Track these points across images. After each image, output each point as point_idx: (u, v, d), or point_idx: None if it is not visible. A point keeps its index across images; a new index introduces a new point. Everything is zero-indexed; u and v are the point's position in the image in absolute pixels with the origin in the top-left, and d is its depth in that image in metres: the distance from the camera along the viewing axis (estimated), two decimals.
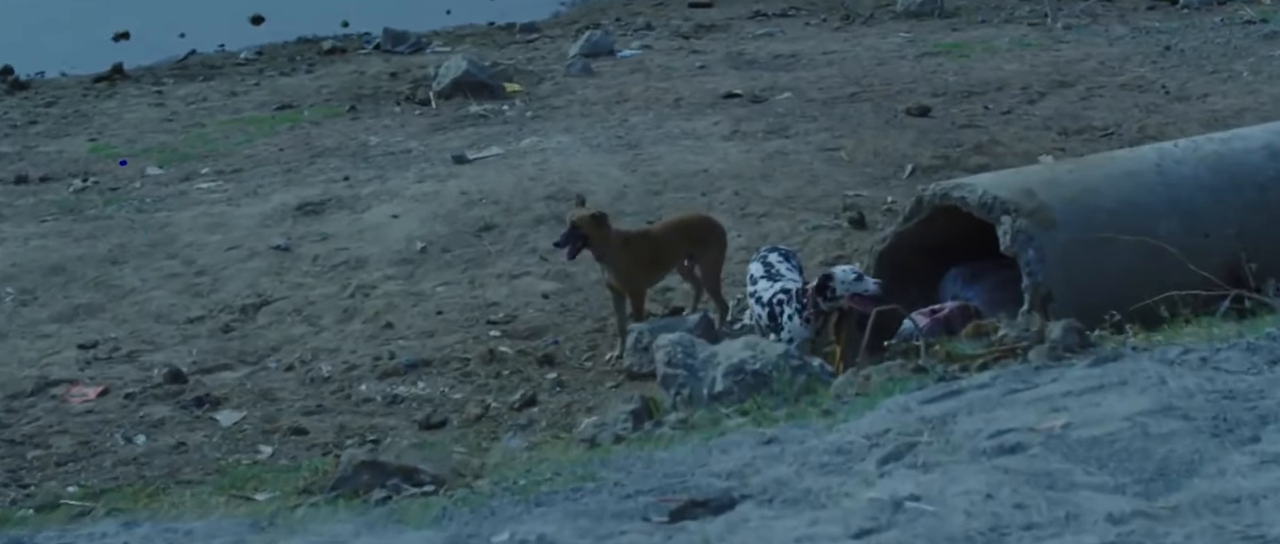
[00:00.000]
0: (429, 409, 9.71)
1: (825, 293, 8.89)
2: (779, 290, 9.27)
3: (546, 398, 9.82)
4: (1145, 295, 7.97)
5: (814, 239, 12.37)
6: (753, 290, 9.51)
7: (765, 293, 9.38)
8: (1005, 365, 5.76)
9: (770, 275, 9.50)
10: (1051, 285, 8.23)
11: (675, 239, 10.61)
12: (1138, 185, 8.81)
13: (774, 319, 9.24)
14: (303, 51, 23.58)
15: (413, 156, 15.78)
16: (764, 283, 9.47)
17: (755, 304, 9.47)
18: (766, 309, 9.31)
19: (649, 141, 15.54)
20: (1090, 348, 5.83)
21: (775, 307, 9.26)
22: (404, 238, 12.92)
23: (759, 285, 9.50)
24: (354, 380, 10.28)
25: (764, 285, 9.41)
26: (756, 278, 9.58)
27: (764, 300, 9.34)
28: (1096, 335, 6.22)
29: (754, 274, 9.63)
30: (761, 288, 9.40)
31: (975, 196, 8.54)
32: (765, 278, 9.50)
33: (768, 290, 9.37)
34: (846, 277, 8.88)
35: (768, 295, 9.34)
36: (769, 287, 9.39)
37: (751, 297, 9.57)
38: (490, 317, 11.22)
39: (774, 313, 9.25)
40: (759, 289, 9.47)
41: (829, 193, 13.46)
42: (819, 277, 9.06)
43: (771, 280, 9.44)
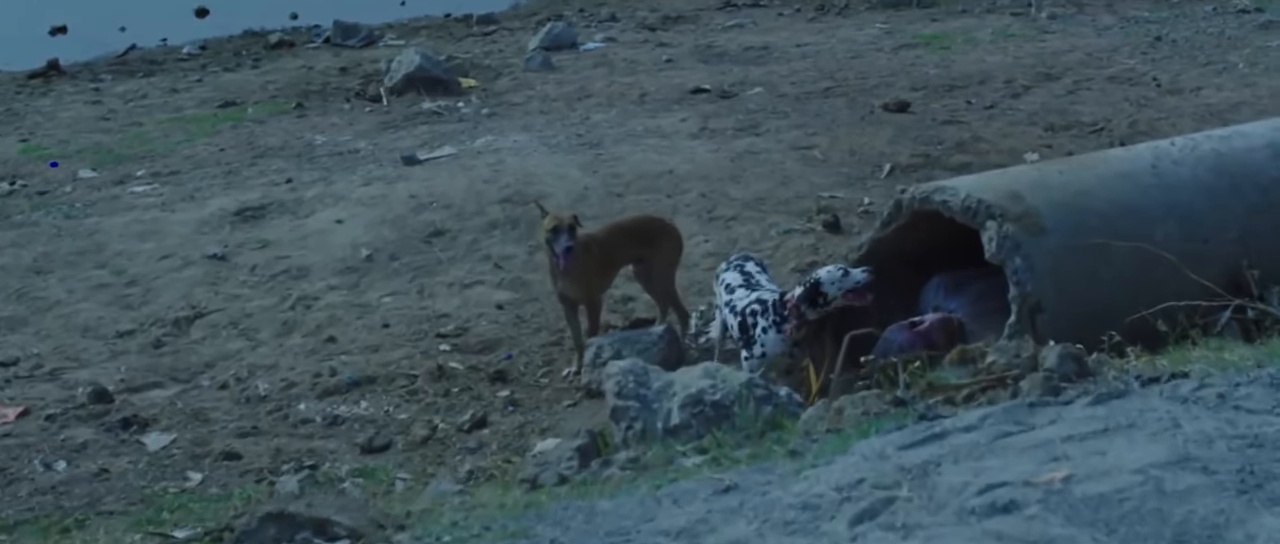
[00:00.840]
0: (372, 431, 9.42)
1: (816, 301, 8.52)
2: (754, 301, 8.89)
3: (498, 418, 9.53)
4: (1141, 305, 7.76)
5: (786, 244, 12.12)
6: (728, 300, 9.11)
7: (740, 302, 9.00)
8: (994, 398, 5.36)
9: (749, 285, 9.16)
10: (1040, 295, 7.93)
11: (621, 242, 10.36)
12: (1132, 187, 8.54)
13: (746, 332, 8.86)
14: (249, 46, 23.39)
15: (360, 157, 15.59)
16: (743, 293, 9.07)
17: (729, 314, 9.09)
18: (739, 320, 8.95)
19: (611, 140, 15.41)
20: (1089, 376, 5.45)
21: (748, 317, 8.92)
22: (349, 245, 12.70)
23: (737, 295, 9.09)
24: (292, 399, 9.99)
25: (742, 295, 9.04)
26: (734, 287, 9.16)
27: (738, 310, 8.94)
28: (1094, 360, 5.84)
29: (731, 283, 9.26)
30: (738, 298, 9.03)
31: (958, 200, 8.27)
32: (744, 287, 9.13)
33: (743, 300, 9.07)
34: (833, 277, 8.56)
35: (742, 305, 8.94)
36: (746, 296, 9.01)
37: (726, 307, 9.17)
38: (440, 329, 10.94)
39: (746, 325, 8.87)
40: (736, 299, 9.07)
41: (802, 194, 13.27)
42: (805, 286, 8.64)
43: (750, 290, 9.08)
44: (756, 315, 8.82)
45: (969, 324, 8.60)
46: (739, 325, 8.92)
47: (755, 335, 8.77)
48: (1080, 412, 4.83)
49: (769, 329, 8.74)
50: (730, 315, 9.08)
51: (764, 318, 8.79)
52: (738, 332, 8.95)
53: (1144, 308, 7.67)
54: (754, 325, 8.81)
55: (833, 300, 8.57)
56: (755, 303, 8.90)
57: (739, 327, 8.93)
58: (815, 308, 8.61)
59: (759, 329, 8.76)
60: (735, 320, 8.98)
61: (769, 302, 8.83)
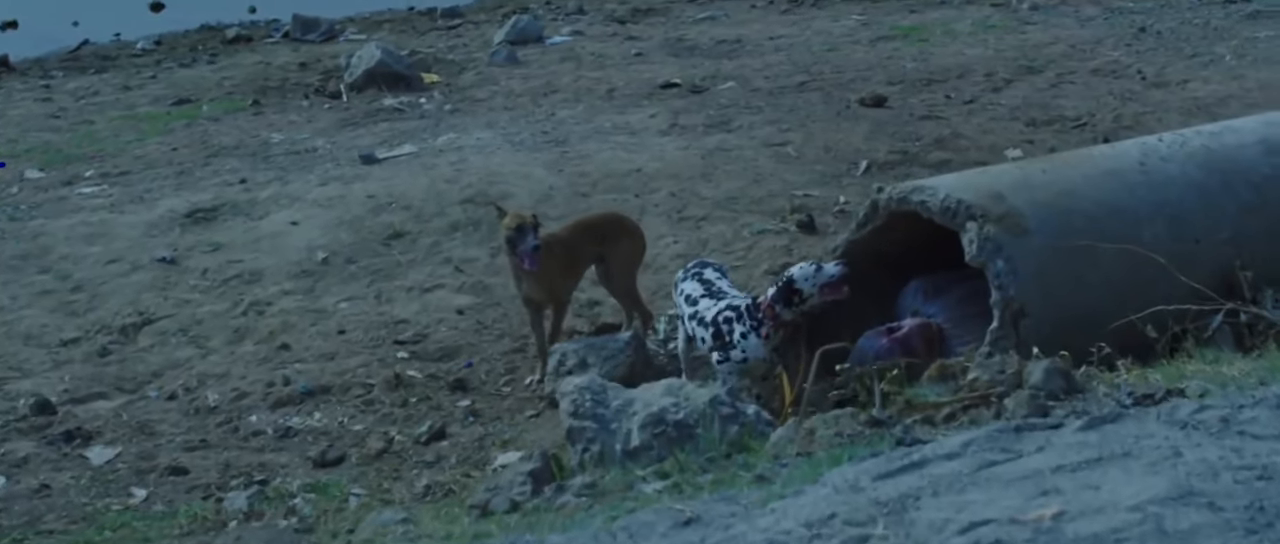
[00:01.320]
0: (325, 444, 9.21)
1: (791, 300, 8.31)
2: (725, 307, 8.65)
3: (457, 430, 9.30)
4: (1129, 310, 7.70)
5: (758, 245, 11.92)
6: (692, 312, 8.86)
7: (708, 312, 8.76)
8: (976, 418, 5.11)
9: (712, 293, 8.87)
10: (1024, 300, 7.84)
11: (582, 240, 10.16)
12: (1119, 186, 8.45)
13: (722, 339, 8.61)
14: (205, 40, 23.15)
15: (318, 156, 15.36)
16: (707, 302, 8.81)
17: (697, 326, 8.84)
18: (711, 329, 8.68)
19: (578, 137, 15.20)
20: (1077, 393, 5.21)
21: (722, 325, 8.62)
22: (304, 247, 12.50)
23: (701, 305, 8.83)
24: (243, 410, 9.79)
25: (707, 304, 8.78)
26: (696, 297, 8.89)
27: (708, 320, 8.70)
28: (1083, 374, 5.61)
29: (691, 293, 8.95)
30: (703, 308, 8.78)
31: (937, 201, 8.15)
32: (707, 297, 8.88)
33: (711, 309, 8.74)
34: (806, 273, 8.36)
35: (711, 314, 8.70)
36: (713, 304, 8.76)
37: (691, 319, 8.89)
38: (398, 336, 10.75)
39: (721, 332, 8.67)
40: (701, 309, 8.81)
41: (775, 193, 13.09)
42: (778, 285, 8.42)
43: (714, 298, 8.85)
44: (732, 322, 8.60)
45: (949, 330, 8.51)
46: (713, 334, 8.68)
47: (734, 340, 8.56)
48: (1071, 437, 4.55)
49: (748, 333, 8.52)
50: (698, 327, 8.83)
51: (741, 323, 8.57)
52: (711, 340, 8.71)
53: (1132, 312, 7.64)
54: (731, 332, 8.58)
55: (809, 298, 8.37)
56: (728, 309, 8.66)
57: (713, 335, 8.69)
58: (791, 307, 8.40)
59: (737, 334, 8.55)
60: (707, 331, 8.72)
61: (742, 306, 8.60)
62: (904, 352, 8.21)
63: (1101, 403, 5.04)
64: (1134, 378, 5.54)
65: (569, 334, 10.29)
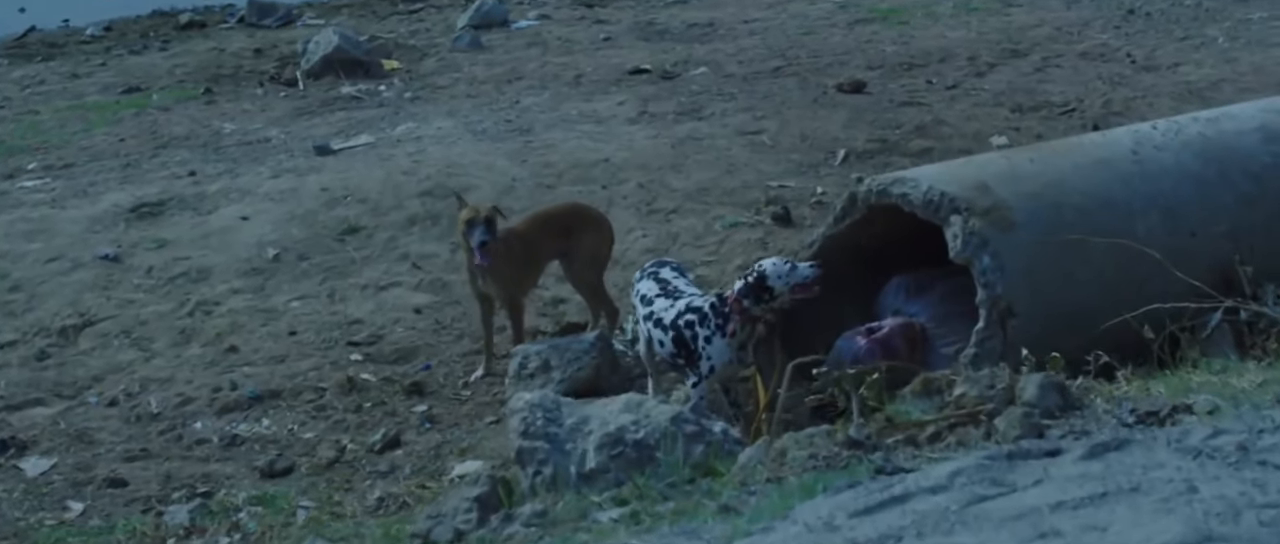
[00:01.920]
0: (273, 453, 8.99)
1: (760, 296, 8.04)
2: (685, 309, 8.35)
3: (413, 437, 9.09)
4: (1123, 308, 7.55)
5: (731, 239, 11.71)
6: (648, 312, 8.57)
7: (666, 314, 8.44)
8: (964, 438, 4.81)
9: (669, 292, 8.58)
10: (1011, 298, 7.68)
11: (543, 234, 9.98)
12: (1111, 176, 8.28)
13: (686, 346, 8.32)
14: (157, 26, 22.91)
15: (271, 147, 15.14)
16: (663, 302, 8.51)
17: (655, 330, 8.50)
18: (670, 333, 8.37)
19: (543, 126, 15.02)
20: (1075, 410, 4.93)
21: (683, 330, 8.31)
22: (254, 244, 12.29)
23: (656, 305, 8.52)
24: (187, 417, 9.56)
25: (663, 304, 8.48)
26: (651, 297, 8.59)
27: (666, 323, 8.42)
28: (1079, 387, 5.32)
29: (646, 293, 8.67)
30: (660, 308, 8.48)
31: (919, 193, 7.98)
32: (663, 297, 8.56)
33: (669, 311, 8.43)
34: (779, 270, 8.05)
35: (670, 317, 8.42)
36: (669, 305, 8.46)
37: (646, 321, 8.60)
38: (352, 337, 10.56)
39: (683, 338, 8.31)
40: (657, 310, 8.50)
41: (749, 184, 12.93)
42: (746, 279, 8.14)
43: (671, 298, 8.52)
44: (694, 326, 8.29)
45: (932, 330, 8.37)
46: (674, 340, 8.39)
47: (698, 349, 8.25)
48: (1072, 467, 4.21)
49: (712, 336, 8.21)
50: (656, 329, 8.54)
51: (704, 326, 8.26)
52: (672, 348, 8.42)
53: (1126, 310, 7.51)
54: (694, 338, 8.28)
55: (779, 296, 8.10)
56: (687, 312, 8.34)
57: (674, 341, 8.39)
58: (759, 303, 8.13)
59: (701, 340, 8.25)
60: (667, 336, 8.44)
61: (703, 308, 8.30)
62: (884, 353, 8.04)
63: (1101, 421, 4.73)
64: (1135, 391, 5.24)
65: (532, 334, 10.08)
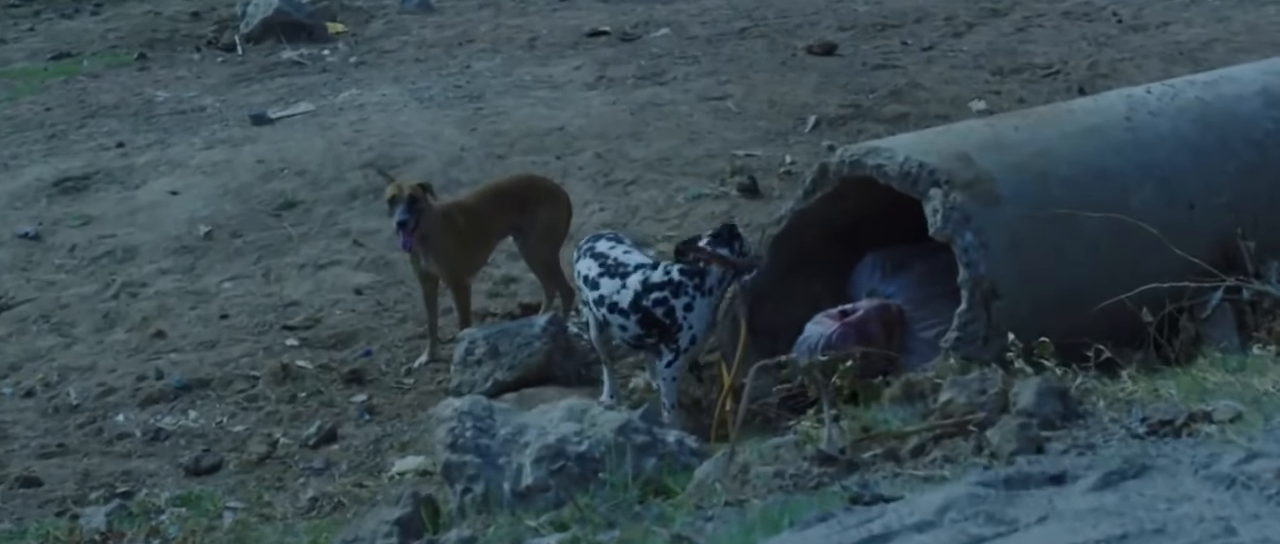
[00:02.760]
0: (200, 448, 8.77)
1: (732, 242, 8.04)
2: (649, 285, 8.07)
3: (351, 430, 8.87)
4: (1116, 287, 7.32)
5: (695, 211, 11.52)
6: (595, 296, 8.30)
7: (623, 297, 8.14)
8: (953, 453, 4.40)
9: (611, 268, 8.30)
10: (996, 277, 7.43)
11: (494, 208, 9.76)
12: (1103, 145, 8.07)
13: (657, 324, 8.06)
14: None
15: (205, 116, 14.94)
16: (610, 283, 8.23)
17: (612, 316, 8.23)
18: (636, 316, 8.09)
19: (495, 92, 14.82)
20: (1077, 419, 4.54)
21: (654, 309, 8.04)
22: (184, 220, 12.13)
23: (604, 287, 8.25)
24: (109, 409, 9.35)
25: (612, 286, 8.21)
26: (594, 278, 8.32)
27: (626, 307, 8.12)
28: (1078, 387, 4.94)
29: (588, 275, 8.39)
30: (609, 290, 8.22)
31: (896, 164, 7.72)
32: (608, 275, 8.28)
33: (623, 292, 8.15)
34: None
35: (629, 299, 8.11)
36: (619, 287, 8.19)
37: (597, 306, 8.32)
38: (287, 320, 10.40)
39: (653, 317, 8.05)
40: (607, 293, 8.23)
41: (713, 153, 12.77)
42: (717, 230, 8.12)
43: (617, 276, 8.23)
44: (667, 301, 8.02)
45: (911, 312, 8.17)
46: (640, 323, 8.10)
47: (679, 321, 8.02)
48: (1082, 499, 3.70)
49: (693, 302, 8.00)
50: (615, 316, 8.24)
51: (681, 295, 8.02)
52: (638, 329, 8.14)
53: (1120, 290, 7.31)
54: (670, 312, 8.02)
55: (748, 251, 8.14)
56: (653, 289, 8.05)
57: (641, 324, 8.10)
58: (733, 251, 8.06)
59: (680, 311, 8.02)
60: (629, 319, 8.14)
61: (673, 277, 8.04)
62: (859, 338, 7.82)
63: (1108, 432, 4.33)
64: (1143, 392, 4.86)
65: (481, 317, 9.91)
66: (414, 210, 9.14)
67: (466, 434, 4.89)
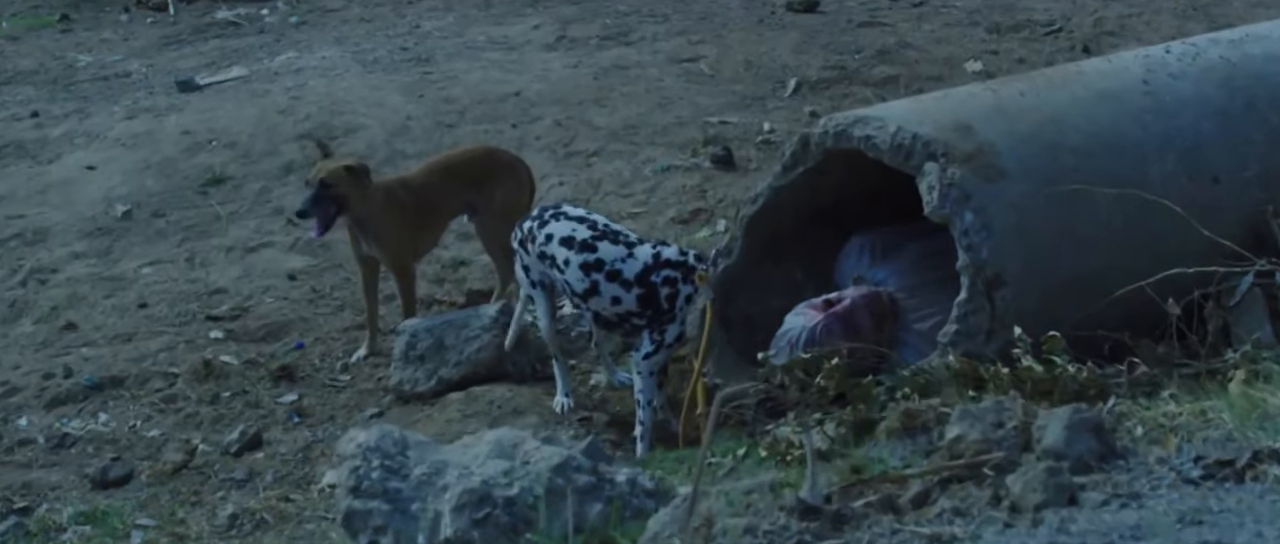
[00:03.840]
0: (110, 456, 8.50)
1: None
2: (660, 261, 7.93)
3: (279, 435, 8.62)
4: (1135, 271, 6.95)
5: (664, 185, 11.40)
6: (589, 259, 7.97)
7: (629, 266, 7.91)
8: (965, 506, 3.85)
9: (613, 236, 8.05)
10: (1001, 262, 7.05)
11: (445, 185, 9.54)
12: (1119, 112, 7.71)
13: (655, 305, 7.90)
14: None
15: (130, 83, 14.93)
16: (615, 249, 7.98)
17: (609, 284, 7.95)
18: (640, 292, 7.89)
19: (445, 55, 14.78)
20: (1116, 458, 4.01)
21: (661, 287, 7.87)
22: (101, 198, 11.97)
23: (604, 251, 7.97)
24: (10, 411, 9.09)
25: (615, 251, 7.97)
26: (590, 240, 8.01)
27: (632, 277, 7.90)
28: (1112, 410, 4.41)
29: (571, 236, 8.06)
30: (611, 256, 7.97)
31: (886, 136, 7.35)
32: (610, 240, 8.02)
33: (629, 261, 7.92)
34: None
35: (637, 270, 7.90)
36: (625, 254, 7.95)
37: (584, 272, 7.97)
38: (212, 310, 10.20)
39: (656, 295, 7.87)
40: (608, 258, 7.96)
41: (684, 120, 12.67)
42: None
43: (623, 244, 8.00)
44: (676, 283, 7.90)
45: (904, 302, 7.82)
46: (640, 299, 7.89)
47: (677, 310, 7.92)
48: None
49: (693, 295, 7.92)
50: (612, 285, 7.94)
51: (690, 282, 7.92)
52: (634, 305, 7.93)
53: (1139, 275, 6.92)
54: (673, 297, 7.90)
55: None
56: (665, 266, 7.91)
57: (641, 300, 7.89)
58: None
59: (681, 300, 7.90)
60: (630, 293, 7.90)
61: (689, 260, 7.95)
62: (846, 331, 7.52)
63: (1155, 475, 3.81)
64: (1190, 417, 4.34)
65: (429, 305, 9.84)
66: (326, 198, 8.96)
67: (373, 475, 4.34)
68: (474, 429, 7.70)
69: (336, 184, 8.94)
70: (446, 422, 8.10)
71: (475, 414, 8.16)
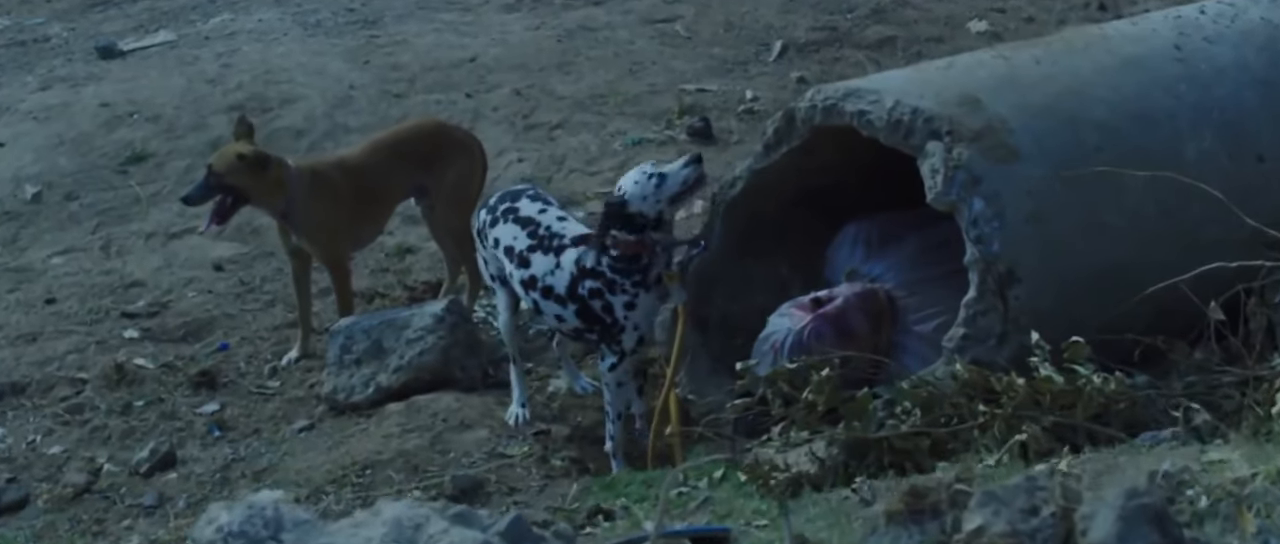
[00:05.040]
0: (4, 477, 8.21)
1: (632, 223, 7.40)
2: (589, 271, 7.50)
3: (195, 452, 8.25)
4: (1168, 265, 6.68)
5: (635, 160, 10.78)
6: (525, 275, 7.69)
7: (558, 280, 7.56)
8: None
9: (546, 243, 7.71)
10: (1014, 257, 6.85)
11: (388, 166, 9.28)
12: (1148, 82, 7.54)
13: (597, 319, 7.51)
14: None
15: (47, 48, 14.86)
16: (545, 260, 7.63)
17: (547, 303, 7.65)
18: (575, 307, 7.53)
19: (394, 16, 14.71)
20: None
21: (590, 301, 7.47)
22: (8, 179, 11.83)
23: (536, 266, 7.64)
24: None
25: (545, 264, 7.62)
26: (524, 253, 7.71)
27: (563, 292, 7.55)
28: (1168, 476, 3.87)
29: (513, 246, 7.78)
30: (541, 269, 7.63)
31: (882, 111, 7.16)
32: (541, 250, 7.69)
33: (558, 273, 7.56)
34: (642, 187, 7.39)
35: (565, 283, 7.53)
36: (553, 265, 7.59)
37: (526, 288, 7.72)
38: (127, 305, 9.93)
39: (591, 310, 7.49)
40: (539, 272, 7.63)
41: (658, 88, 12.50)
42: (606, 209, 7.53)
43: (551, 251, 7.65)
44: (603, 294, 7.48)
45: (903, 300, 7.59)
46: (578, 314, 7.55)
47: (619, 320, 7.48)
48: None
49: (636, 298, 7.44)
50: (550, 303, 7.68)
51: (617, 292, 7.47)
52: (577, 322, 7.62)
53: (1173, 269, 6.61)
54: (608, 308, 7.48)
55: (654, 218, 7.43)
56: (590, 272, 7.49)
57: (579, 315, 7.57)
58: (636, 230, 7.43)
59: (620, 309, 7.45)
60: (568, 310, 7.59)
61: (604, 268, 7.46)
62: (838, 335, 7.25)
63: None
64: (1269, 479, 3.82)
65: (369, 298, 9.63)
66: (219, 188, 8.75)
67: None
68: (414, 445, 7.64)
69: (227, 173, 8.72)
70: (384, 437, 7.78)
71: (417, 428, 7.81)
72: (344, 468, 7.50)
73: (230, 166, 8.73)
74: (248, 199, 8.83)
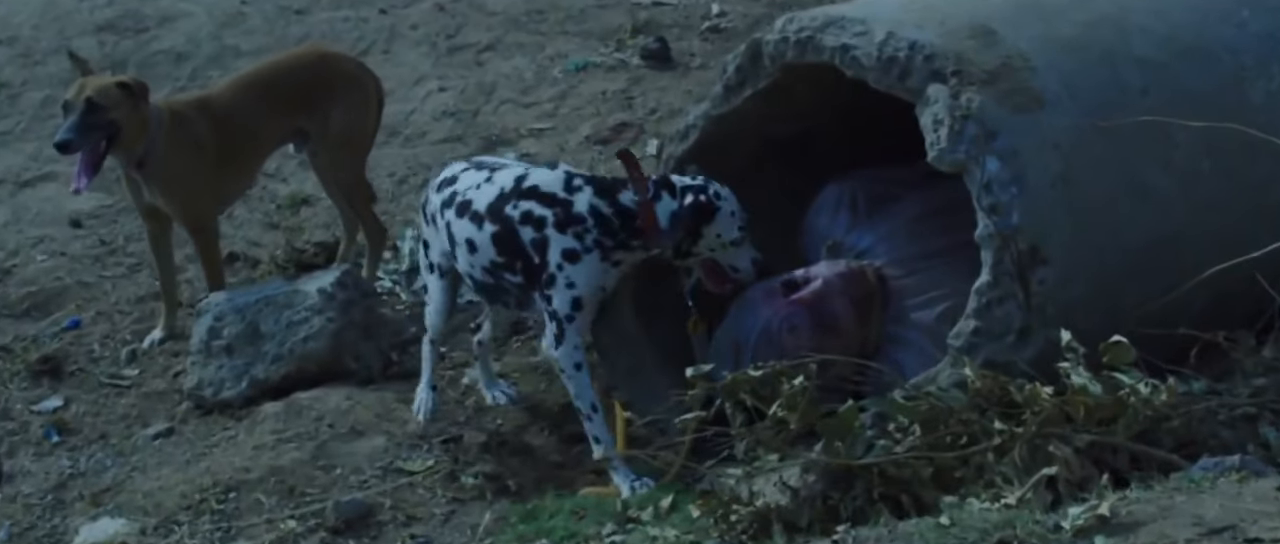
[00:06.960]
0: None
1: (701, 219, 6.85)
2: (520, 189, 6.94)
3: (26, 464, 7.75)
4: (1226, 238, 6.26)
5: (579, 90, 11.06)
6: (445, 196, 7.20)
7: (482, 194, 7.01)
8: None
9: (480, 166, 7.29)
10: (1038, 230, 6.20)
11: (261, 104, 8.74)
12: (1203, 6, 7.02)
13: (521, 256, 6.93)
14: None
15: None
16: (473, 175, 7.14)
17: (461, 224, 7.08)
18: (493, 229, 6.97)
19: None
20: None
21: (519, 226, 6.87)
22: None
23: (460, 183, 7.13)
24: None
25: (472, 178, 7.12)
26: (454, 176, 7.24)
27: (481, 209, 7.01)
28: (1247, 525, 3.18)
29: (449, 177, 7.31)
30: (465, 185, 7.12)
31: (871, 46, 6.55)
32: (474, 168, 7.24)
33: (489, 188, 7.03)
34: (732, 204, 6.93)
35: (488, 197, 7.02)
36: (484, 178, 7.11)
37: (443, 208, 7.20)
38: None
39: (512, 241, 6.91)
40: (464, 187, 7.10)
41: (606, 3, 12.34)
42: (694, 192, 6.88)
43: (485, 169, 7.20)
44: (545, 225, 6.85)
45: (897, 279, 7.06)
46: (494, 239, 7.02)
47: (548, 264, 6.85)
48: None
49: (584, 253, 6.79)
50: (465, 223, 7.10)
51: (565, 231, 6.83)
52: (494, 254, 7.04)
53: (1237, 246, 6.11)
54: (541, 244, 6.85)
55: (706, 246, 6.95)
56: (524, 197, 6.92)
57: (494, 241, 7.01)
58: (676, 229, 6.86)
59: (556, 252, 6.80)
60: (482, 231, 7.06)
61: (555, 191, 6.91)
62: (817, 327, 6.76)
63: None
64: None
65: (253, 265, 9.28)
66: (98, 123, 8.04)
67: None
68: (291, 459, 7.13)
69: (109, 106, 8.06)
70: (255, 448, 7.22)
71: (296, 437, 7.23)
72: (203, 490, 6.91)
73: (110, 97, 8.12)
74: (119, 140, 8.19)
